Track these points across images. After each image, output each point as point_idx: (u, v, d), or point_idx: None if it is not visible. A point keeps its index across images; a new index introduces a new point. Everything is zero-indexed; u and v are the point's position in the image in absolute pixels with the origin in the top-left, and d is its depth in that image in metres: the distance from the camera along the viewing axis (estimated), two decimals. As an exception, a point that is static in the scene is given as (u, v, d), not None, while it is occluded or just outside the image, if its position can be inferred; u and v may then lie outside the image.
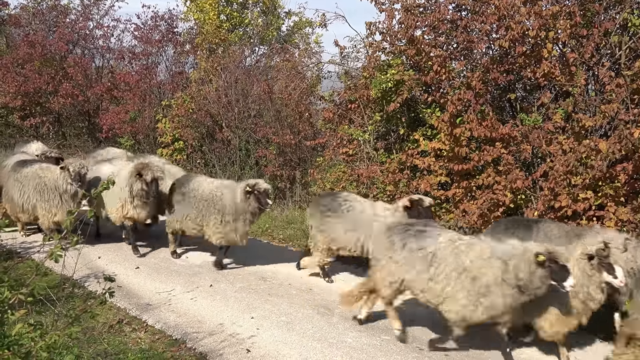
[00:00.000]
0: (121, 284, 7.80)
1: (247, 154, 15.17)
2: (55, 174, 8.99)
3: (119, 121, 17.54)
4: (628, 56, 8.86)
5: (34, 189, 9.07)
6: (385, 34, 10.92)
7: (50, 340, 3.31)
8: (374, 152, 11.41)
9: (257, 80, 16.09)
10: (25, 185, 9.15)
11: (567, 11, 8.76)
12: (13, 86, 18.90)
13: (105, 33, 20.74)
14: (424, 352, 6.13)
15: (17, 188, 9.25)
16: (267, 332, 6.49)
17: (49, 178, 9.04)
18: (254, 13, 22.58)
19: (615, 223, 7.73)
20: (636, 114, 7.78)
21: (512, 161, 8.97)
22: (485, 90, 9.63)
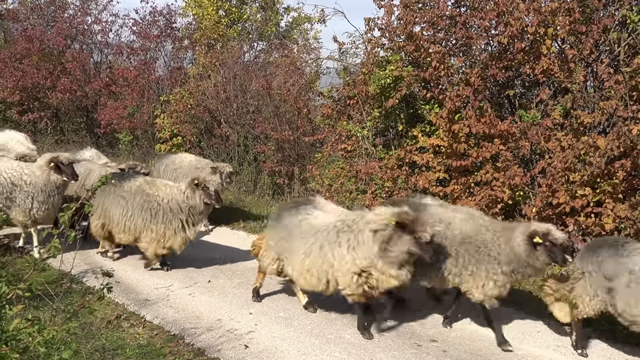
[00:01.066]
0: (119, 279, 7.80)
1: (245, 149, 15.17)
2: (172, 191, 8.01)
3: (117, 116, 17.53)
4: (627, 53, 8.86)
5: (141, 207, 8.01)
6: (384, 30, 10.92)
7: (48, 336, 3.30)
8: (372, 148, 11.41)
9: (255, 76, 16.07)
10: (129, 202, 8.06)
11: (566, 7, 8.75)
12: (11, 81, 18.87)
13: (104, 28, 20.73)
14: (422, 348, 6.14)
15: (119, 204, 8.13)
16: (265, 328, 6.50)
17: (164, 196, 8.01)
18: (252, 8, 22.56)
19: (613, 220, 7.74)
20: (635, 110, 7.78)
21: (510, 158, 8.98)
22: (484, 86, 9.63)
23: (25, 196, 8.28)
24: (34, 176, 8.29)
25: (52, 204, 8.41)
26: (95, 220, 8.40)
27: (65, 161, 8.24)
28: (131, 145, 18.07)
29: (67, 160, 8.27)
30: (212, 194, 7.85)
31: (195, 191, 7.81)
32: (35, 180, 8.27)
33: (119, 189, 8.19)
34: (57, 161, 8.21)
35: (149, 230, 7.93)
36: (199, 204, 7.83)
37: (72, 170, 8.30)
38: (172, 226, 7.88)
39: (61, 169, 8.21)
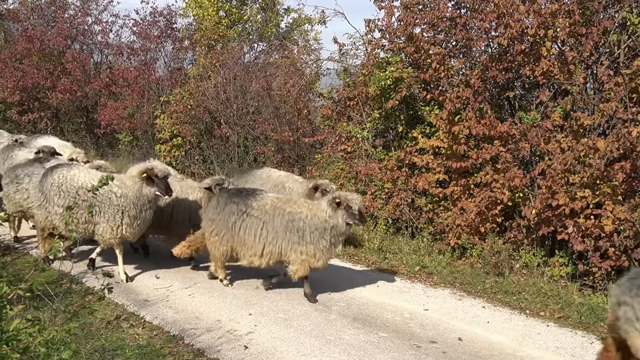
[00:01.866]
0: (119, 280, 7.80)
1: (245, 150, 15.17)
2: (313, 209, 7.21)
3: (117, 117, 17.54)
4: (627, 55, 8.87)
5: (285, 228, 7.14)
6: (385, 32, 10.93)
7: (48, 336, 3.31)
8: (372, 150, 11.42)
9: (255, 77, 16.08)
10: (268, 223, 7.19)
11: (566, 9, 8.76)
12: (11, 81, 18.87)
13: (104, 28, 20.75)
14: (421, 349, 6.15)
15: (253, 226, 7.23)
16: (264, 328, 6.50)
17: (307, 213, 7.18)
18: (253, 9, 22.57)
19: (612, 221, 7.75)
20: (634, 112, 7.79)
21: (510, 159, 8.99)
22: (484, 88, 9.64)
23: (115, 211, 7.47)
24: (125, 188, 7.45)
25: (144, 220, 7.66)
26: (217, 245, 7.45)
27: (160, 174, 7.43)
28: (131, 145, 18.08)
29: (162, 173, 7.46)
30: (355, 214, 6.99)
31: (336, 210, 7.01)
32: (127, 193, 7.45)
33: (247, 208, 7.27)
34: (151, 173, 7.40)
35: (298, 253, 7.11)
36: (341, 224, 7.01)
37: (166, 184, 7.46)
38: (321, 245, 7.10)
39: (155, 181, 7.42)
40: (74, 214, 7.43)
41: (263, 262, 7.27)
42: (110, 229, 7.53)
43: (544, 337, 6.63)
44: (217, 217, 7.38)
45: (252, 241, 7.20)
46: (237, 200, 7.33)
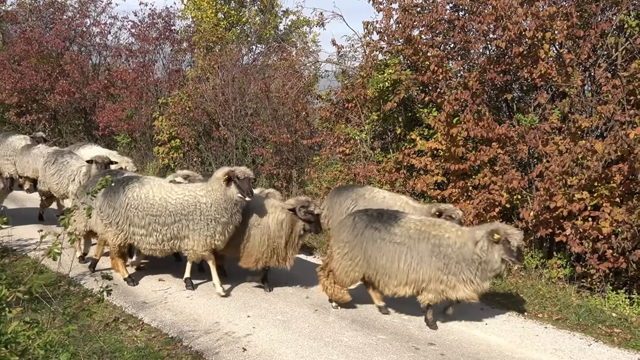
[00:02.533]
0: (117, 282, 7.78)
1: (243, 152, 15.18)
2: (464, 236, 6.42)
3: (116, 119, 17.52)
4: (624, 57, 8.90)
5: (430, 254, 6.42)
6: (383, 34, 10.95)
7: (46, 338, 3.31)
8: (370, 152, 11.43)
9: (254, 79, 16.09)
10: (412, 249, 6.49)
11: (564, 12, 8.78)
12: (9, 83, 18.85)
13: (102, 30, 20.74)
14: (419, 351, 6.15)
15: (395, 252, 6.55)
16: (263, 330, 6.50)
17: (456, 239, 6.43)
18: (251, 11, 22.59)
19: (610, 223, 7.76)
20: (632, 115, 7.81)
21: (508, 161, 9.01)
22: (482, 90, 9.67)
23: (207, 222, 7.21)
24: (213, 194, 7.20)
25: (235, 225, 7.36)
26: (349, 270, 6.87)
27: (241, 175, 7.13)
28: (129, 147, 18.07)
29: (243, 175, 7.14)
30: (513, 250, 6.20)
31: (493, 244, 6.23)
32: (215, 199, 7.18)
33: (389, 235, 6.60)
34: (232, 174, 7.13)
35: (438, 282, 6.46)
36: (496, 260, 6.25)
37: (247, 186, 7.13)
38: (463, 277, 6.39)
39: (237, 183, 7.12)
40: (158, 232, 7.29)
41: (408, 291, 6.59)
42: (203, 241, 7.28)
43: (542, 339, 6.64)
44: (353, 241, 6.79)
45: (395, 269, 6.53)
46: (377, 225, 6.69)
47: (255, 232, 7.46)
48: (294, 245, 7.49)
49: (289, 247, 7.45)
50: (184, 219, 7.20)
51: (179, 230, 7.26)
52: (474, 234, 6.35)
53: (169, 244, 7.37)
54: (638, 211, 7.60)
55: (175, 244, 7.39)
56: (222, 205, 7.14)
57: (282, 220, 7.33)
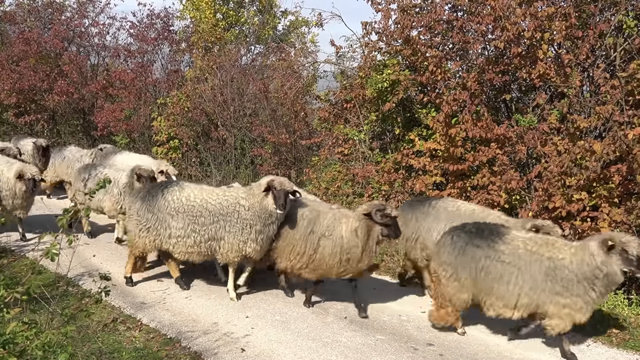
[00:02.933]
0: (116, 282, 7.77)
1: (242, 152, 15.16)
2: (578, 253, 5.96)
3: (114, 119, 17.49)
4: (623, 58, 8.91)
5: (545, 275, 5.97)
6: (382, 34, 10.95)
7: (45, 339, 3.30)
8: (369, 152, 11.43)
9: (252, 79, 16.09)
10: (522, 270, 6.01)
11: (562, 12, 8.79)
12: (8, 83, 18.81)
13: (101, 31, 20.69)
14: (418, 352, 6.15)
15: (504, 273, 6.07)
16: (261, 331, 6.50)
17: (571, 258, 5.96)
18: (250, 12, 22.58)
19: (609, 224, 7.77)
20: (631, 115, 7.82)
21: (507, 162, 9.01)
22: (480, 90, 9.67)
23: (242, 225, 7.07)
24: (252, 199, 7.05)
25: (268, 236, 7.18)
26: (458, 293, 6.39)
27: (278, 186, 6.91)
28: (128, 147, 18.03)
29: (280, 185, 6.93)
30: (632, 259, 5.75)
31: (610, 255, 5.78)
32: (253, 203, 7.03)
33: (495, 253, 6.14)
34: (271, 184, 6.95)
35: (559, 306, 5.97)
36: (615, 272, 5.80)
37: (284, 198, 6.89)
38: (590, 297, 5.93)
39: (273, 194, 6.91)
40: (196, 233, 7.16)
41: (516, 314, 6.17)
42: (236, 245, 7.13)
43: (539, 339, 6.64)
44: (455, 261, 6.35)
45: (503, 291, 6.09)
46: (479, 242, 6.24)
47: (326, 244, 6.98)
48: (371, 253, 6.92)
49: (366, 255, 6.89)
50: (222, 219, 7.09)
51: (217, 231, 7.13)
52: (589, 248, 5.89)
53: (205, 245, 7.20)
54: (636, 212, 7.61)
55: (211, 246, 7.21)
56: (258, 212, 7.00)
57: (356, 228, 6.82)
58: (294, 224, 7.19)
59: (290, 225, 7.20)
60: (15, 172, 9.11)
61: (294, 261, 7.21)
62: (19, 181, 9.08)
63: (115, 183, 9.12)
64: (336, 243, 6.93)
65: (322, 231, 7.06)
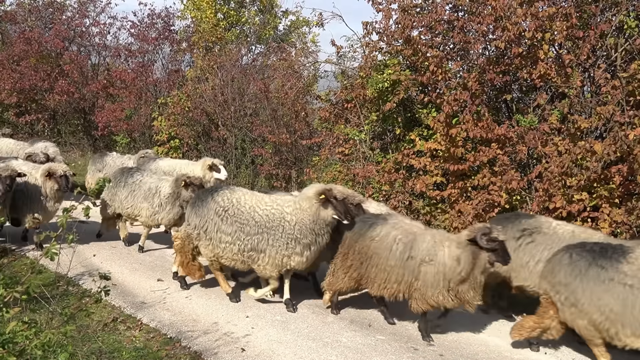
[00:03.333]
0: (116, 282, 7.77)
1: (243, 152, 15.17)
2: None
3: (115, 119, 17.52)
4: (624, 58, 8.89)
5: None
6: (382, 34, 10.94)
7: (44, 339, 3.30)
8: (370, 152, 11.42)
9: (253, 79, 16.10)
10: None
11: (563, 13, 8.77)
12: (9, 83, 18.85)
13: (102, 30, 20.75)
14: (418, 352, 6.15)
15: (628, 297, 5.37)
16: (262, 331, 6.49)
17: None
18: (251, 12, 22.59)
19: (609, 224, 7.76)
20: (631, 115, 7.81)
21: (507, 162, 9.00)
22: (481, 90, 9.65)
23: (287, 240, 6.72)
24: (299, 213, 6.71)
25: (316, 249, 6.83)
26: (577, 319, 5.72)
27: (340, 195, 6.61)
28: (128, 147, 18.05)
29: (342, 195, 6.64)
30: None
31: None
32: (301, 218, 6.69)
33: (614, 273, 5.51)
34: (329, 195, 6.58)
35: None
36: None
37: (345, 207, 6.62)
38: None
39: (333, 204, 6.58)
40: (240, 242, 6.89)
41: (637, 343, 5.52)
42: (279, 260, 6.81)
43: (542, 341, 6.63)
44: (573, 282, 5.70)
45: (629, 318, 5.38)
46: (603, 263, 5.60)
47: (428, 270, 6.28)
48: (477, 283, 6.20)
49: (471, 286, 6.19)
50: (266, 232, 6.78)
51: (259, 243, 6.82)
52: None
53: (246, 255, 6.92)
54: (637, 212, 7.60)
55: (252, 257, 6.91)
56: (308, 225, 6.65)
57: (459, 255, 6.09)
58: (386, 249, 6.48)
59: (380, 250, 6.52)
60: (44, 170, 8.73)
61: (390, 290, 6.52)
62: (49, 180, 8.67)
63: (157, 192, 8.80)
64: (438, 270, 6.20)
65: (422, 256, 6.31)
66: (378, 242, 6.56)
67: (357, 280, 6.78)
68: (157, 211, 8.82)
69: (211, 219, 7.05)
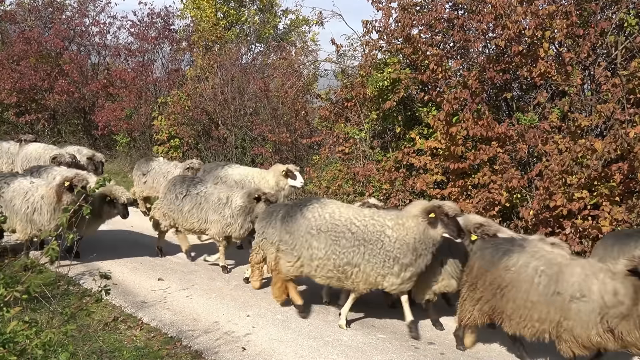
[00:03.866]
0: (116, 281, 7.77)
1: (243, 151, 15.18)
2: None
3: (115, 118, 17.53)
4: (624, 56, 8.89)
5: None
6: (382, 33, 10.94)
7: (45, 338, 3.30)
8: (370, 151, 11.42)
9: (253, 78, 16.11)
10: None
11: (563, 11, 8.78)
12: (8, 83, 18.87)
13: (102, 30, 20.77)
14: (419, 350, 6.14)
15: None
16: (262, 330, 6.49)
17: None
18: (250, 11, 22.58)
19: (610, 222, 7.76)
20: (632, 113, 7.81)
21: (508, 160, 9.00)
22: (481, 89, 9.65)
23: (385, 257, 6.22)
24: (401, 230, 6.20)
25: (416, 269, 6.27)
26: None
27: (452, 212, 6.12)
28: (128, 147, 18.06)
29: (454, 212, 6.15)
30: None
31: None
32: (402, 235, 6.18)
33: None
34: (439, 212, 6.13)
35: None
36: None
37: (457, 225, 6.12)
38: None
39: (444, 222, 6.10)
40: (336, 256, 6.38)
41: None
42: (373, 278, 6.34)
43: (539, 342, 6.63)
44: None
45: None
46: None
47: (580, 308, 5.25)
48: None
49: (635, 325, 5.05)
50: (363, 245, 6.28)
51: (354, 256, 6.32)
52: None
53: (341, 269, 6.40)
54: (637, 210, 7.60)
55: (346, 271, 6.39)
56: (410, 244, 6.14)
57: (617, 289, 5.10)
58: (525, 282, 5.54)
59: (518, 283, 5.59)
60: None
61: (531, 329, 5.58)
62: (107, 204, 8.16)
63: (228, 203, 8.27)
64: (593, 307, 5.21)
65: (572, 292, 5.34)
66: (515, 274, 5.63)
67: (489, 314, 5.92)
68: (229, 223, 8.24)
69: (302, 236, 6.55)
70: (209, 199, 8.35)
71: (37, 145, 12.08)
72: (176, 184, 8.72)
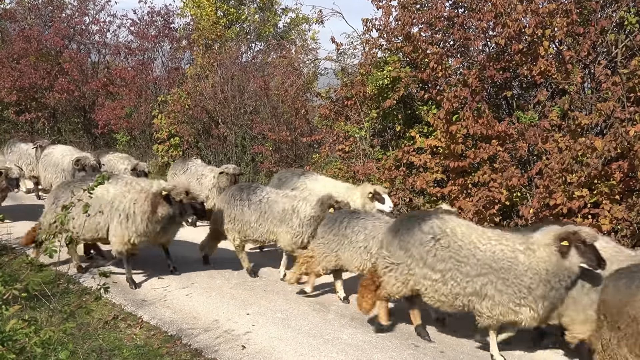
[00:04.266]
0: (116, 279, 7.77)
1: (243, 150, 15.17)
2: None
3: (115, 117, 17.53)
4: (624, 54, 8.89)
5: None
6: (382, 31, 10.94)
7: (44, 336, 3.30)
8: (370, 149, 11.42)
9: (253, 77, 16.10)
10: None
11: (563, 9, 8.77)
12: (8, 81, 18.86)
13: (102, 28, 20.75)
14: (419, 349, 6.14)
15: None
16: (262, 328, 6.49)
17: None
18: (250, 9, 22.57)
19: (610, 221, 7.76)
20: (632, 112, 7.80)
21: (508, 159, 9.00)
22: (481, 87, 9.65)
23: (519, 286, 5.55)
24: (534, 258, 5.52)
25: (551, 302, 5.57)
26: None
27: (590, 240, 5.40)
28: (129, 145, 18.06)
29: (592, 239, 5.42)
30: None
31: None
32: (535, 264, 5.50)
33: None
34: (575, 239, 5.41)
35: None
36: None
37: (596, 253, 5.37)
38: None
39: (581, 250, 5.38)
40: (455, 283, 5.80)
41: None
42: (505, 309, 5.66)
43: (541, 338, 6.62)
44: None
45: None
46: None
47: None
48: None
49: None
50: (493, 273, 5.62)
51: (482, 287, 5.67)
52: None
53: (464, 300, 5.84)
54: (638, 208, 7.59)
55: (471, 302, 5.82)
56: (542, 276, 5.49)
57: None
58: None
59: None
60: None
61: None
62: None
63: (295, 213, 7.70)
64: None
65: None
66: None
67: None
68: (300, 232, 7.66)
69: (418, 252, 5.98)
70: (274, 208, 7.84)
71: (64, 147, 11.85)
72: (234, 193, 8.19)
